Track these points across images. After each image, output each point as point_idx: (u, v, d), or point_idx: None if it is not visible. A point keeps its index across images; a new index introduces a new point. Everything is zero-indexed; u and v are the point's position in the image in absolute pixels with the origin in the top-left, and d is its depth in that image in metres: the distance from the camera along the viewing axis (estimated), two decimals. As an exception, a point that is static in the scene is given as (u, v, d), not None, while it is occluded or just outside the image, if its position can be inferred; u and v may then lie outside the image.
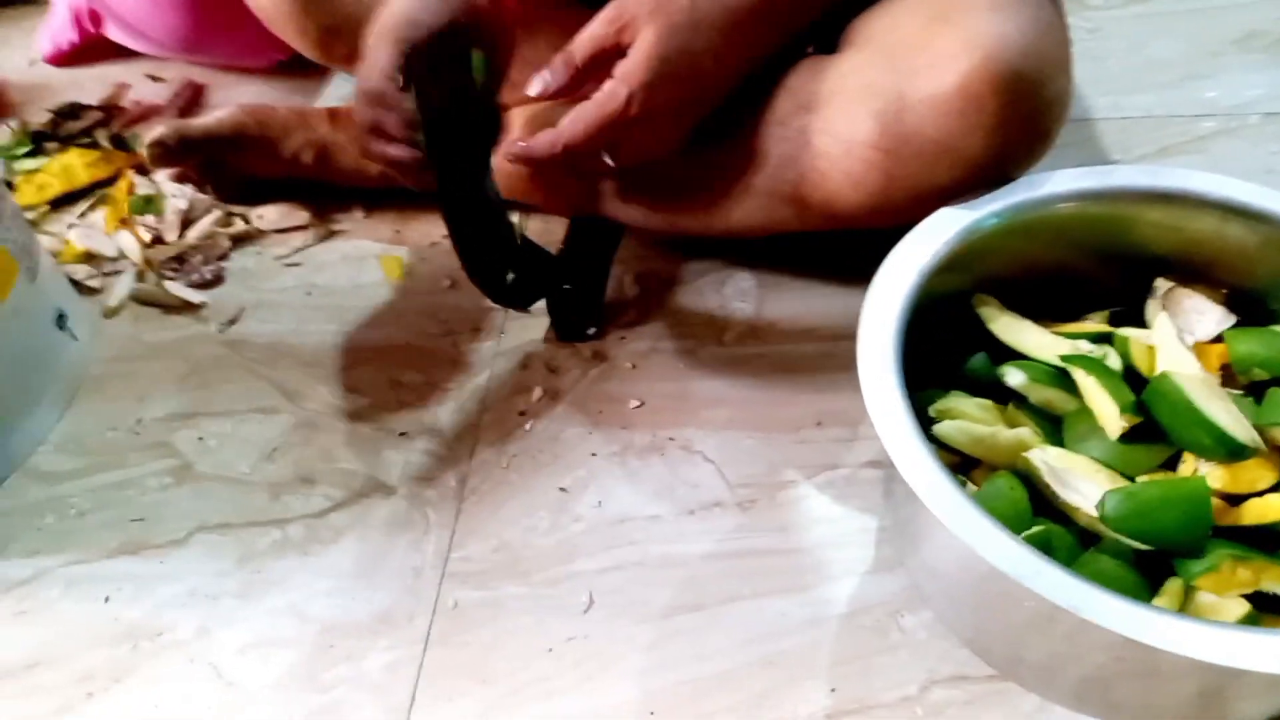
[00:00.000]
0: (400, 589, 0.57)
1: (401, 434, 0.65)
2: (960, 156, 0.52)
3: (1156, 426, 0.49)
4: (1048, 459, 0.49)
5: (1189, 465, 0.49)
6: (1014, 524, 0.47)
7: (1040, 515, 0.49)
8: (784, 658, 0.52)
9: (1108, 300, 0.58)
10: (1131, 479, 0.49)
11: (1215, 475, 0.48)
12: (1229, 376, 0.52)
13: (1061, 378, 0.52)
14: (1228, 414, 0.47)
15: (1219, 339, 0.54)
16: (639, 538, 0.58)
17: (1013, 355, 0.55)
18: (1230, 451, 0.47)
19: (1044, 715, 0.49)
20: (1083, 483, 0.48)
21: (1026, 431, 0.51)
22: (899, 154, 0.53)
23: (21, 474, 0.66)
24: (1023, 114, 0.52)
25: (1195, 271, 0.56)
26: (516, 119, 0.70)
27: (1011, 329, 0.55)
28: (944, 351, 0.55)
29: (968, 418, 0.52)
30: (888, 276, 0.51)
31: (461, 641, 0.54)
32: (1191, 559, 0.45)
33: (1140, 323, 0.56)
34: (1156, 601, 0.45)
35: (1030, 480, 0.50)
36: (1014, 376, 0.53)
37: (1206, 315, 0.54)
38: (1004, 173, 0.54)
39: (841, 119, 0.55)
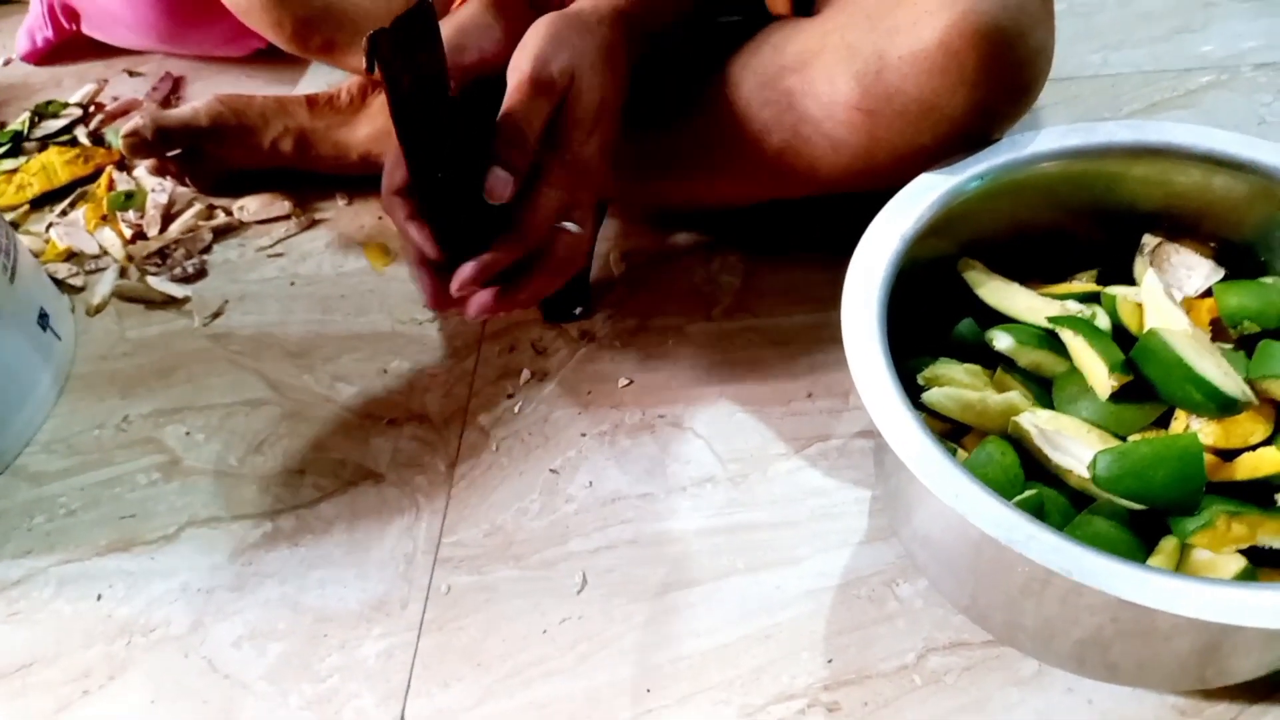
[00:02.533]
0: (393, 576, 0.57)
1: (389, 421, 0.65)
2: (942, 114, 0.51)
3: (1147, 385, 0.49)
4: (1038, 422, 0.49)
5: (1180, 422, 0.48)
6: (1006, 489, 0.46)
7: (1032, 479, 0.48)
8: (780, 631, 0.52)
9: (1095, 259, 0.57)
10: (1123, 438, 0.49)
11: (1207, 431, 0.47)
12: (1219, 331, 0.52)
13: (1050, 340, 0.52)
14: (1218, 369, 0.46)
15: (1208, 293, 0.53)
16: (631, 516, 0.58)
17: (1000, 319, 0.54)
18: (1222, 406, 0.46)
19: (1043, 679, 0.49)
20: (1074, 444, 0.48)
21: (1016, 395, 0.51)
22: (881, 114, 0.52)
23: (10, 475, 0.65)
24: (1004, 68, 0.51)
25: (1183, 226, 0.55)
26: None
27: (998, 293, 0.55)
28: (931, 317, 0.55)
29: (956, 384, 0.52)
30: (871, 244, 0.50)
31: (456, 626, 0.54)
32: (1186, 516, 0.45)
33: (1128, 280, 0.56)
34: (1152, 561, 0.45)
35: (1021, 444, 0.49)
36: (1002, 340, 0.52)
37: (1195, 270, 0.53)
38: (987, 129, 0.53)
39: (822, 81, 0.54)
